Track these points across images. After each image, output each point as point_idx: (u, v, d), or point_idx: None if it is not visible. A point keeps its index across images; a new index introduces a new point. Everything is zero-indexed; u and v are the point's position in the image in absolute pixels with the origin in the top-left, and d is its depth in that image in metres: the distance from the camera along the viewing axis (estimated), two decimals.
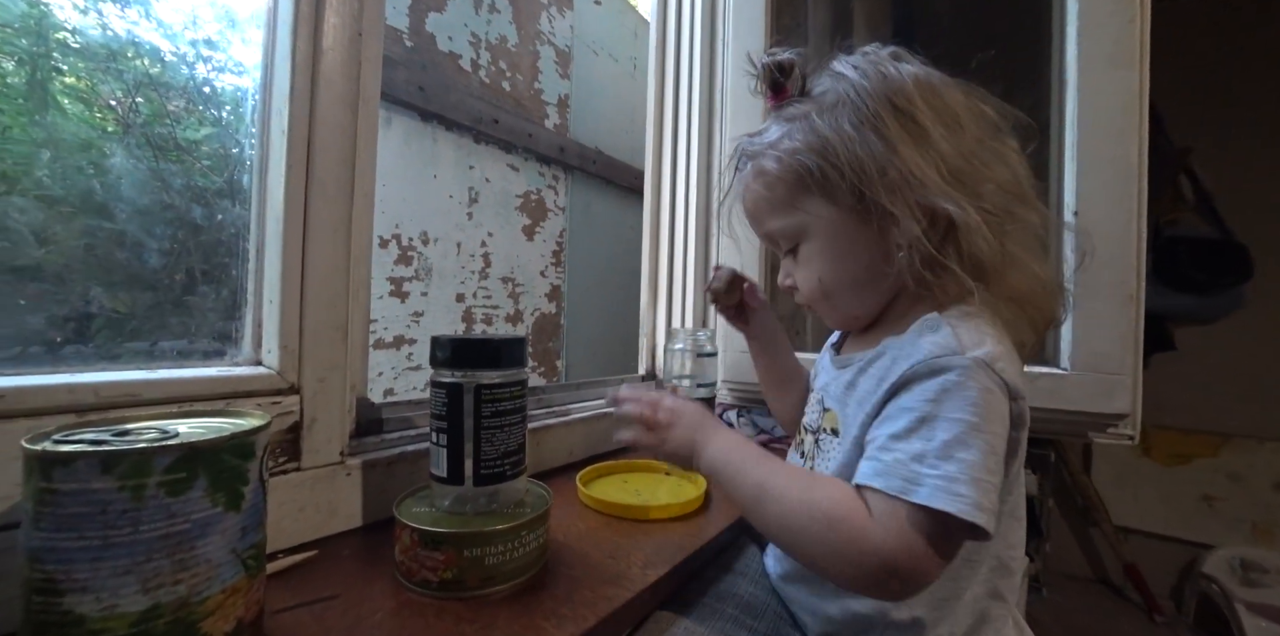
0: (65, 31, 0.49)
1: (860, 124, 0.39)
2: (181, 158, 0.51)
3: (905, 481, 0.32)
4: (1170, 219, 1.68)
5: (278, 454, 0.43)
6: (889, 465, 0.33)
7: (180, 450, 0.25)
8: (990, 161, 0.39)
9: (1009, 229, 0.38)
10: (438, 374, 0.41)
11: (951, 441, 0.32)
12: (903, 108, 0.39)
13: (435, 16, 0.96)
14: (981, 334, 0.36)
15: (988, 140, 0.40)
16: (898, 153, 0.37)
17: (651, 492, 0.59)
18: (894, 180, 0.37)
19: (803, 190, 0.41)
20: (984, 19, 0.95)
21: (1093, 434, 0.65)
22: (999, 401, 0.33)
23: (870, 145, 0.38)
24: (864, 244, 0.40)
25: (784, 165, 0.41)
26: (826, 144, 0.39)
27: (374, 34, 0.51)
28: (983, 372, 0.33)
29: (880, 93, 0.39)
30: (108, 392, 0.35)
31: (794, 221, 0.43)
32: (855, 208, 0.39)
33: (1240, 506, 1.68)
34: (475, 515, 0.41)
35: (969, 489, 0.30)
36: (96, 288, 0.43)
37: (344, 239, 0.48)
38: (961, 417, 0.32)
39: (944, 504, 0.30)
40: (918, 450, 0.32)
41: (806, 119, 0.41)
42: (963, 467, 0.31)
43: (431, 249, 0.96)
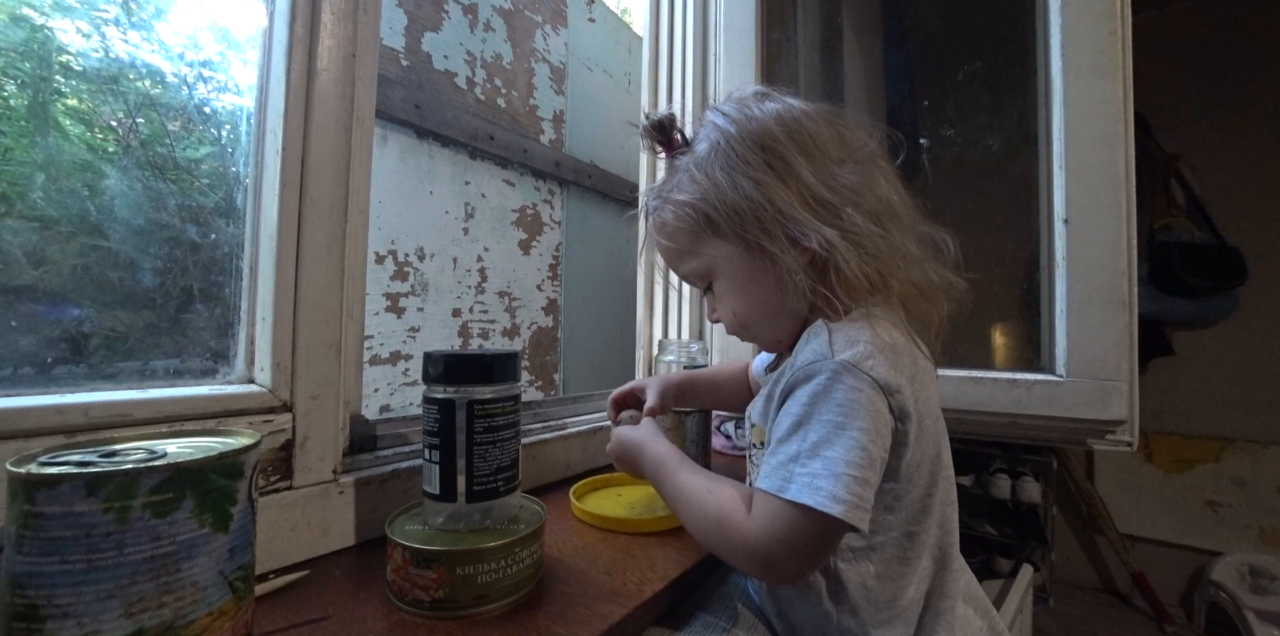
0: (68, 55, 0.50)
1: (731, 170, 0.42)
2: (180, 177, 0.52)
3: (782, 481, 0.35)
4: (1163, 224, 1.70)
5: (269, 472, 0.43)
6: (772, 468, 0.36)
7: (167, 471, 0.25)
8: (854, 184, 0.42)
9: (881, 244, 0.41)
10: (430, 390, 0.41)
11: (819, 441, 0.35)
12: (768, 146, 0.42)
13: (431, 36, 0.98)
14: (856, 335, 0.39)
15: (850, 162, 0.43)
16: (767, 192, 0.41)
17: (646, 505, 0.59)
18: (767, 219, 0.41)
19: (700, 235, 0.44)
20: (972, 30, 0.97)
21: (1091, 441, 0.65)
22: (868, 398, 0.36)
23: (741, 189, 0.41)
24: (762, 277, 0.43)
25: (677, 216, 0.45)
26: (706, 193, 0.43)
27: (368, 54, 0.51)
28: (848, 374, 0.36)
29: (746, 135, 0.42)
30: (98, 413, 0.34)
31: (700, 264, 0.46)
32: (746, 245, 0.43)
33: (1246, 512, 1.67)
34: (469, 532, 0.40)
35: (830, 483, 0.33)
36: (89, 308, 0.43)
37: (338, 256, 0.48)
38: (829, 418, 0.35)
39: (805, 498, 0.33)
40: (793, 451, 0.36)
41: (688, 171, 0.45)
42: (826, 464, 0.34)
43: (428, 264, 0.96)
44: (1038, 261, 0.68)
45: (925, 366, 0.42)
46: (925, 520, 0.41)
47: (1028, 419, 0.65)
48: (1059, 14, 0.66)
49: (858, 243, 0.40)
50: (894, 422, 0.37)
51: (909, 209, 0.45)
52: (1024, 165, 0.69)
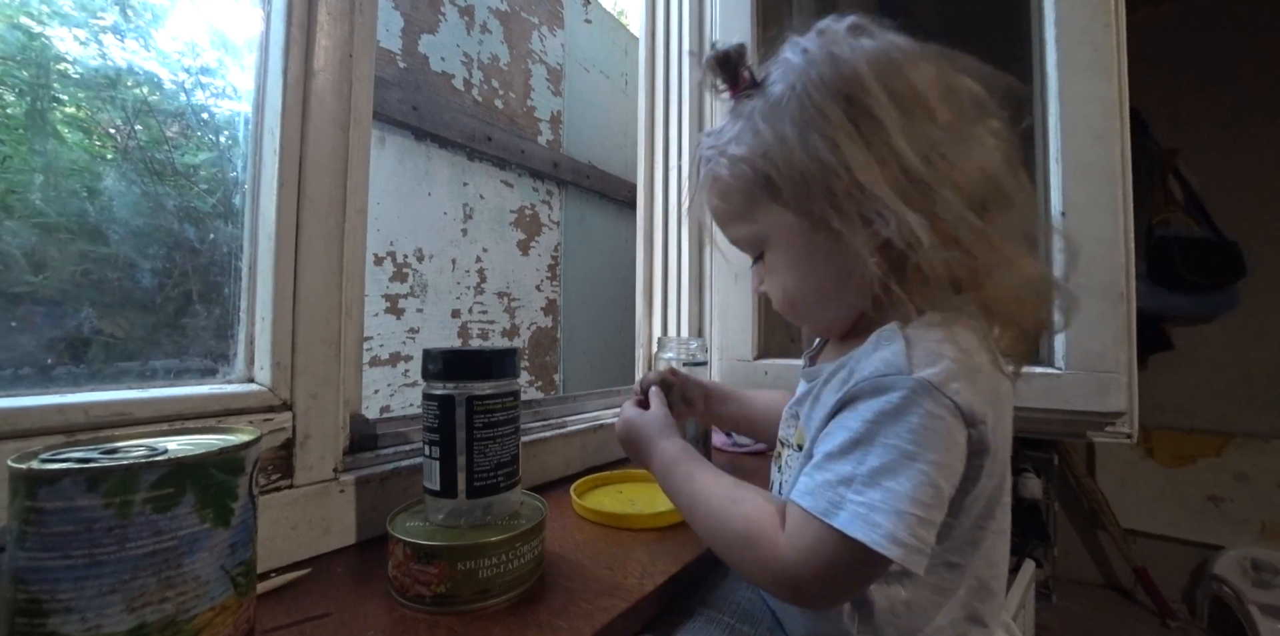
0: (66, 62, 0.50)
1: (805, 124, 0.34)
2: (180, 182, 0.52)
3: (830, 504, 0.30)
4: (1161, 219, 1.70)
5: (270, 471, 0.43)
6: (818, 485, 0.31)
7: (167, 466, 0.25)
8: (957, 155, 0.34)
9: (980, 240, 0.33)
10: (429, 386, 0.41)
11: (881, 468, 0.30)
12: (855, 97, 0.34)
13: (428, 38, 0.98)
14: (939, 349, 0.32)
15: (960, 124, 0.35)
16: (844, 157, 0.33)
17: (647, 501, 0.59)
18: (840, 191, 0.34)
19: (756, 198, 0.38)
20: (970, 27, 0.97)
21: (1091, 433, 0.65)
22: (947, 427, 0.31)
23: (812, 149, 0.34)
24: (822, 257, 0.37)
25: (733, 173, 0.38)
26: (769, 150, 0.36)
27: (365, 55, 0.52)
28: (928, 396, 0.30)
29: (829, 82, 0.34)
30: (98, 412, 0.35)
31: (753, 230, 0.40)
32: (809, 216, 0.36)
33: (1247, 506, 1.67)
34: (470, 528, 0.40)
35: (888, 520, 0.29)
36: (90, 309, 0.43)
37: (336, 255, 0.48)
38: (896, 444, 0.30)
39: (858, 532, 0.29)
40: (846, 473, 0.31)
41: (751, 120, 0.37)
42: (887, 497, 0.29)
43: (426, 265, 0.96)
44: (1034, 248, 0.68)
45: (1005, 388, 0.36)
46: (971, 551, 0.36)
47: (1027, 411, 0.65)
48: (1053, 10, 0.66)
49: (949, 235, 0.33)
50: (968, 456, 0.32)
51: (1027, 196, 0.36)
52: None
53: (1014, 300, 0.35)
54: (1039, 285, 0.37)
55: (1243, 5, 1.71)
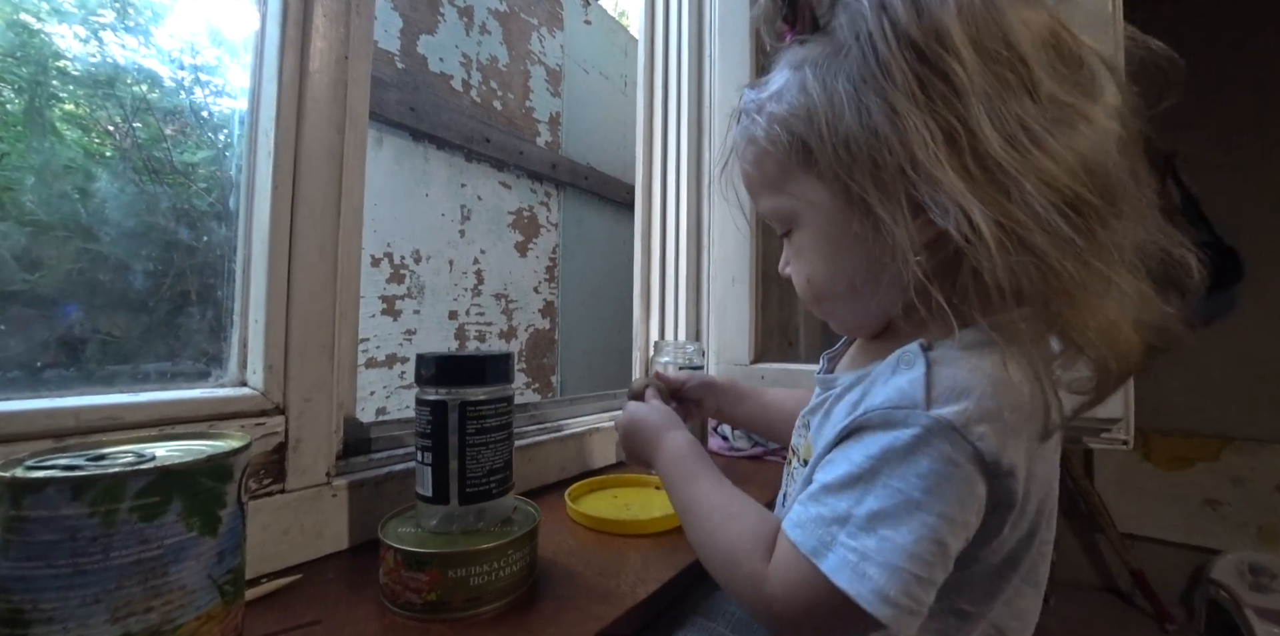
0: (65, 60, 0.50)
1: (861, 82, 0.28)
2: (177, 180, 0.52)
3: (819, 543, 0.27)
4: None
5: (262, 476, 0.42)
6: (811, 519, 0.28)
7: (153, 473, 0.25)
8: (1054, 139, 0.27)
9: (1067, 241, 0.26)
10: (422, 391, 0.41)
11: (880, 513, 0.26)
12: (930, 54, 0.27)
13: (427, 38, 0.98)
14: (968, 381, 0.27)
15: (1068, 99, 0.28)
16: (902, 130, 0.27)
17: (642, 507, 0.59)
18: (889, 169, 0.28)
19: (789, 168, 0.33)
20: None
21: (1087, 439, 0.65)
22: (964, 476, 0.26)
23: (866, 115, 0.28)
24: (858, 244, 0.31)
25: (770, 135, 0.33)
26: (814, 111, 0.30)
27: (361, 56, 0.51)
28: (945, 439, 0.26)
29: (903, 31, 0.27)
30: (88, 416, 0.34)
31: (782, 204, 0.35)
32: (847, 197, 0.31)
33: (1245, 510, 1.67)
34: (461, 534, 0.40)
35: (881, 574, 0.25)
36: (82, 311, 0.43)
37: (330, 258, 0.48)
38: (902, 489, 0.26)
39: (844, 581, 0.26)
40: (842, 511, 0.27)
41: (801, 71, 0.31)
42: (883, 547, 0.26)
43: (424, 267, 0.96)
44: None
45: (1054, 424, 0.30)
46: (987, 600, 0.31)
47: None
48: None
49: (1023, 239, 0.26)
50: (988, 510, 0.28)
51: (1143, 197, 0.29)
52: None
53: (1101, 332, 0.28)
54: (1143, 317, 0.29)
55: (1240, 7, 1.71)
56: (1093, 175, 0.28)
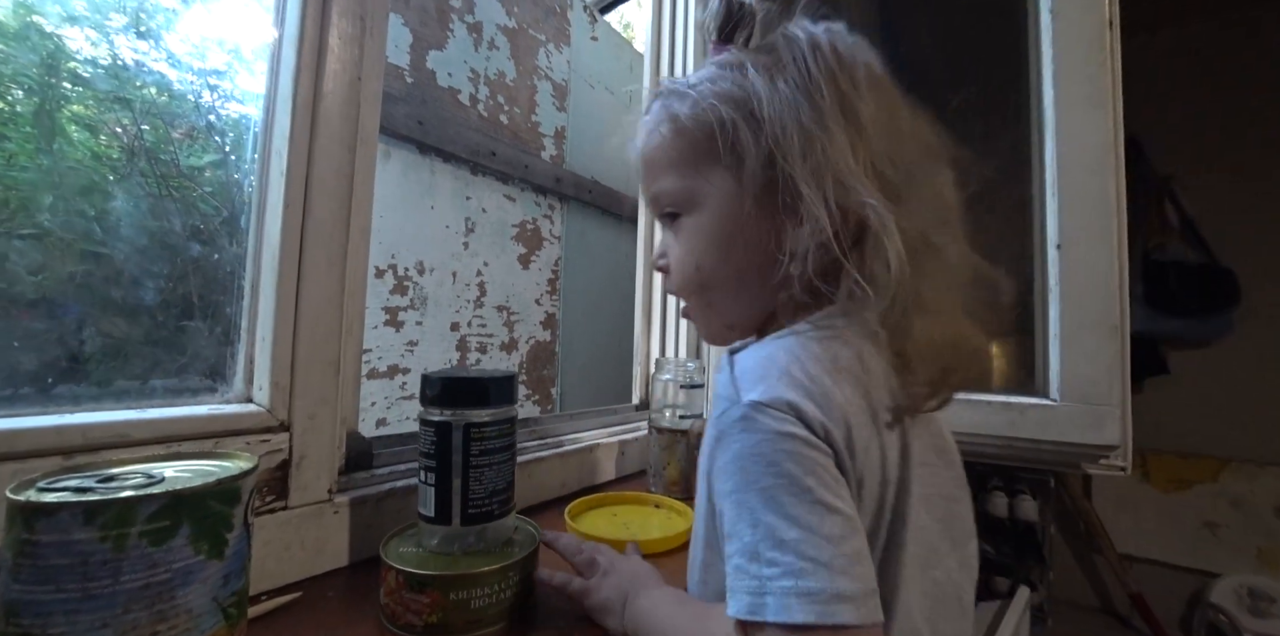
0: (76, 62, 0.50)
1: (799, 88, 0.33)
2: (184, 184, 0.52)
3: (752, 596, 0.25)
4: (1157, 243, 1.71)
5: (265, 492, 0.43)
6: (734, 578, 0.27)
7: (164, 498, 0.25)
8: (919, 180, 0.33)
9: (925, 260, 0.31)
10: (426, 412, 0.41)
11: (774, 521, 0.25)
12: (846, 92, 0.33)
13: (436, 54, 1.00)
14: (767, 365, 0.30)
15: (920, 158, 0.35)
16: (828, 130, 0.31)
17: (641, 526, 0.59)
18: (817, 160, 0.31)
19: (709, 151, 0.34)
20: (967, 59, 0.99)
21: (1085, 465, 0.65)
22: (803, 442, 0.27)
23: (802, 112, 0.32)
24: (757, 233, 0.34)
25: (698, 112, 0.34)
26: (753, 99, 0.33)
27: (373, 76, 0.52)
28: (763, 417, 0.27)
29: (828, 67, 0.33)
30: (96, 434, 0.35)
31: (686, 185, 0.36)
32: (761, 185, 0.33)
33: (1243, 533, 1.66)
34: (463, 555, 0.40)
35: (817, 580, 0.24)
36: (91, 327, 0.43)
37: (338, 275, 0.48)
38: (769, 484, 0.26)
39: (798, 615, 0.24)
40: (748, 544, 0.26)
41: (740, 68, 0.35)
42: (800, 551, 0.25)
43: (427, 278, 0.96)
44: (1031, 286, 0.69)
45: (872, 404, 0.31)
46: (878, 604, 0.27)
47: (1023, 442, 0.65)
48: (1050, 46, 0.68)
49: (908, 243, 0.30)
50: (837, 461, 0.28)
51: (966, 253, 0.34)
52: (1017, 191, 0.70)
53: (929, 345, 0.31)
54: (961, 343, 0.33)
55: (1238, 31, 1.74)
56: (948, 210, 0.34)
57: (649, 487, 0.71)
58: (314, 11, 0.47)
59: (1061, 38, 0.68)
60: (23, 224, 0.44)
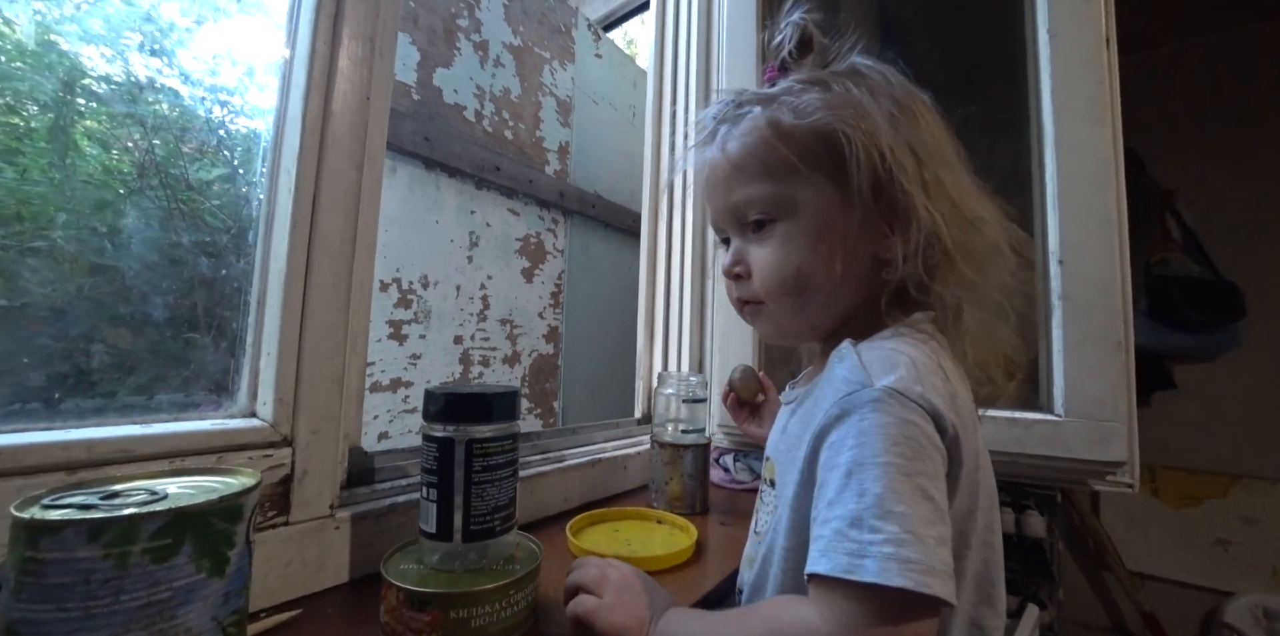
0: (91, 79, 0.52)
1: (899, 108, 0.35)
2: (193, 198, 0.53)
3: (850, 556, 0.27)
4: (1160, 258, 1.71)
5: (266, 508, 0.42)
6: (829, 540, 0.28)
7: (168, 515, 0.25)
8: (988, 202, 0.38)
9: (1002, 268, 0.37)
10: (429, 428, 0.41)
11: (885, 493, 0.27)
12: (930, 123, 0.37)
13: (443, 71, 1.02)
14: (893, 356, 0.32)
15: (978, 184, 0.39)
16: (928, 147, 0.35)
17: (643, 542, 0.58)
18: (927, 179, 0.34)
19: (811, 158, 0.35)
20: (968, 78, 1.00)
21: (1092, 481, 0.64)
22: (924, 432, 0.29)
23: (905, 133, 0.35)
24: (860, 238, 0.36)
25: (807, 120, 0.35)
26: (863, 114, 0.34)
27: (381, 96, 0.53)
28: (896, 402, 0.29)
29: (912, 98, 0.37)
30: (100, 449, 0.35)
31: (784, 191, 0.37)
32: (870, 193, 0.34)
33: (1257, 551, 1.63)
34: (464, 572, 0.40)
35: (918, 551, 0.26)
36: (97, 343, 0.44)
37: (344, 292, 0.49)
38: (887, 460, 0.28)
39: (896, 578, 0.25)
40: (852, 512, 0.28)
41: (842, 84, 0.36)
42: (905, 524, 0.26)
43: (431, 292, 0.97)
44: (1033, 300, 0.69)
45: (969, 406, 0.35)
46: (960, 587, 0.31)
47: (1028, 458, 0.64)
48: (1049, 63, 0.69)
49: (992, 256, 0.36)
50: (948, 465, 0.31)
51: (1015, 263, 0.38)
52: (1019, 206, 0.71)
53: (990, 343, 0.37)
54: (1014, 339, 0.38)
55: (1238, 47, 1.76)
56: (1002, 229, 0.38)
57: (651, 503, 0.71)
58: (324, 34, 0.49)
59: (1060, 56, 0.69)
60: (33, 238, 0.44)
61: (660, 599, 0.38)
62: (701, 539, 0.59)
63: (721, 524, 0.67)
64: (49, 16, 0.48)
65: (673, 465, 0.69)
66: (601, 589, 0.37)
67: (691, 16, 1.09)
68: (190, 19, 0.56)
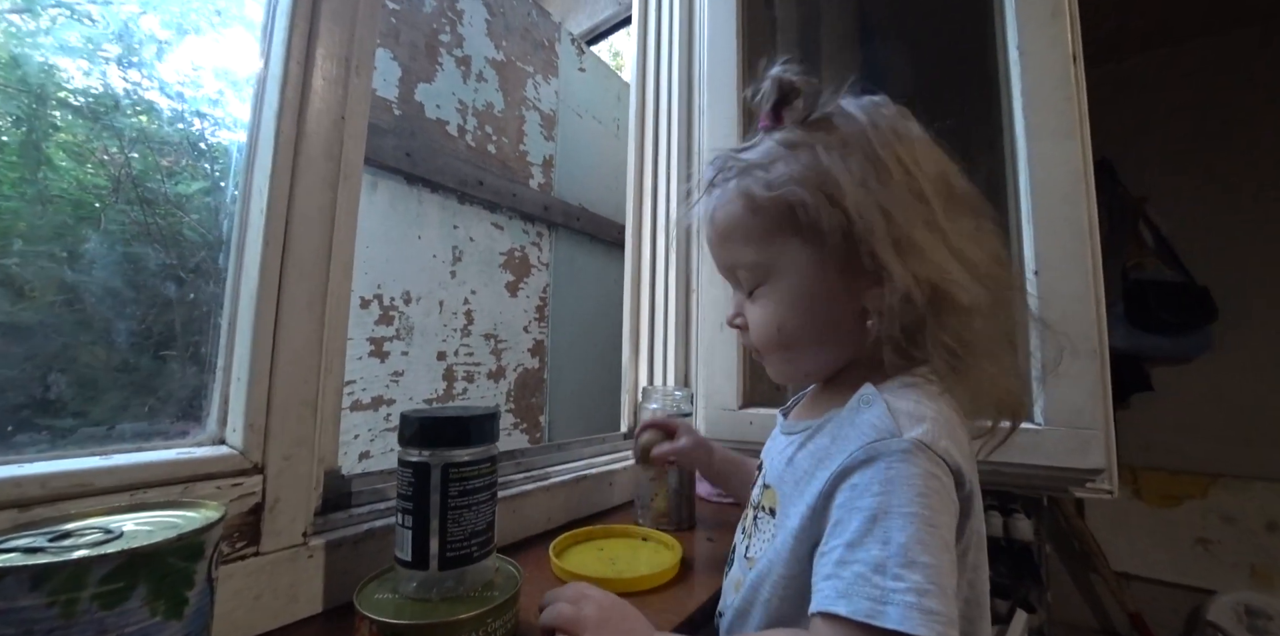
0: (66, 91, 0.50)
1: (870, 167, 0.35)
2: (171, 212, 0.52)
3: (872, 602, 0.28)
4: (1136, 263, 1.75)
5: (235, 539, 0.41)
6: (850, 582, 0.29)
7: (119, 558, 0.24)
8: (981, 244, 0.37)
9: (994, 315, 0.36)
10: (405, 452, 0.40)
11: (910, 543, 0.28)
12: (909, 168, 0.36)
13: (425, 86, 1.01)
14: (919, 409, 0.33)
15: (977, 220, 0.38)
16: (903, 204, 0.35)
17: (628, 562, 0.57)
18: (895, 238, 0.34)
19: (786, 226, 0.37)
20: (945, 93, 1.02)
21: (1073, 488, 0.65)
22: (945, 487, 0.31)
23: (873, 192, 0.35)
24: (839, 297, 0.38)
25: (775, 193, 0.37)
26: (829, 180, 0.35)
27: (358, 115, 0.53)
28: (924, 456, 0.31)
29: (891, 146, 0.36)
30: (56, 484, 0.33)
31: (765, 258, 0.39)
32: (842, 256, 0.36)
33: (1237, 549, 1.66)
34: (441, 600, 0.39)
35: (939, 603, 0.27)
36: (58, 369, 0.42)
37: (319, 313, 0.48)
38: (914, 511, 0.29)
39: (920, 628, 0.26)
40: (876, 558, 0.29)
41: (810, 149, 0.37)
42: (929, 575, 0.28)
43: (413, 308, 0.96)
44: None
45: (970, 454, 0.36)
46: None
47: (1012, 467, 0.65)
48: (1019, 80, 0.70)
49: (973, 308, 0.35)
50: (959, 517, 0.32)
51: (1019, 290, 0.39)
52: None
53: (992, 385, 0.37)
54: (1017, 378, 0.39)
55: (1202, 58, 1.82)
56: (996, 264, 0.37)
57: (636, 520, 0.70)
58: (298, 54, 0.48)
59: (1029, 73, 0.70)
60: None
61: (640, 627, 0.38)
62: (688, 556, 0.58)
63: (709, 539, 0.66)
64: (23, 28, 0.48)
65: (658, 481, 0.68)
66: (578, 628, 0.36)
67: (673, 31, 1.10)
68: (171, 31, 0.55)
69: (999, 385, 0.37)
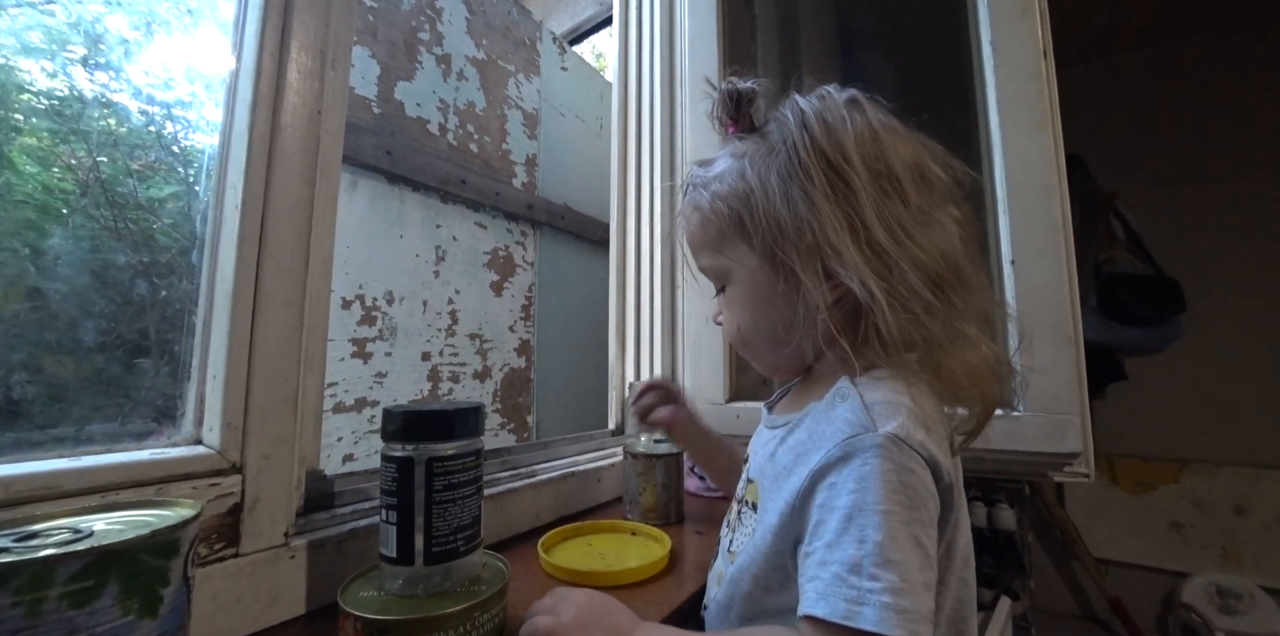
0: (30, 93, 0.49)
1: (788, 177, 0.37)
2: (143, 217, 0.51)
3: (849, 603, 0.28)
4: (1107, 257, 1.80)
5: (213, 540, 0.40)
6: (828, 584, 0.29)
7: (88, 555, 0.23)
8: (920, 235, 0.37)
9: (934, 308, 0.35)
10: (388, 447, 0.40)
11: (885, 542, 0.29)
12: (836, 165, 0.36)
13: (404, 85, 1.00)
14: (894, 402, 0.34)
15: (927, 209, 0.38)
16: (819, 215, 0.36)
17: (617, 556, 0.57)
18: (808, 244, 0.36)
19: (726, 235, 0.41)
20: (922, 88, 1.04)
21: (1052, 473, 0.66)
22: (921, 481, 0.31)
23: (792, 203, 0.36)
24: (779, 301, 0.39)
25: (712, 208, 0.41)
26: (751, 194, 0.38)
27: (335, 110, 0.52)
28: (899, 450, 0.31)
29: (819, 146, 0.37)
30: (20, 487, 0.32)
31: (718, 263, 0.43)
32: (774, 263, 0.38)
33: (1207, 532, 1.71)
34: (427, 596, 0.38)
35: (913, 601, 0.28)
36: (21, 370, 0.41)
37: (297, 310, 0.47)
38: (888, 508, 0.30)
39: (895, 629, 0.27)
40: (851, 557, 0.29)
41: (741, 161, 0.40)
42: (904, 573, 0.28)
43: (397, 308, 0.95)
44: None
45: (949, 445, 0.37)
46: None
47: (993, 454, 0.66)
48: (992, 74, 0.72)
49: (904, 305, 0.35)
50: (939, 510, 0.32)
51: (980, 278, 0.39)
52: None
53: (967, 375, 0.37)
54: (993, 365, 0.38)
55: (1165, 59, 1.88)
56: (947, 262, 0.37)
57: (625, 515, 0.70)
58: (271, 46, 0.47)
59: (1002, 68, 0.72)
60: None
61: (621, 617, 0.38)
62: (676, 549, 0.58)
63: (697, 533, 0.67)
64: None
65: (646, 476, 0.69)
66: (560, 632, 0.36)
67: (655, 30, 1.10)
68: (139, 32, 0.54)
69: (974, 375, 0.37)
